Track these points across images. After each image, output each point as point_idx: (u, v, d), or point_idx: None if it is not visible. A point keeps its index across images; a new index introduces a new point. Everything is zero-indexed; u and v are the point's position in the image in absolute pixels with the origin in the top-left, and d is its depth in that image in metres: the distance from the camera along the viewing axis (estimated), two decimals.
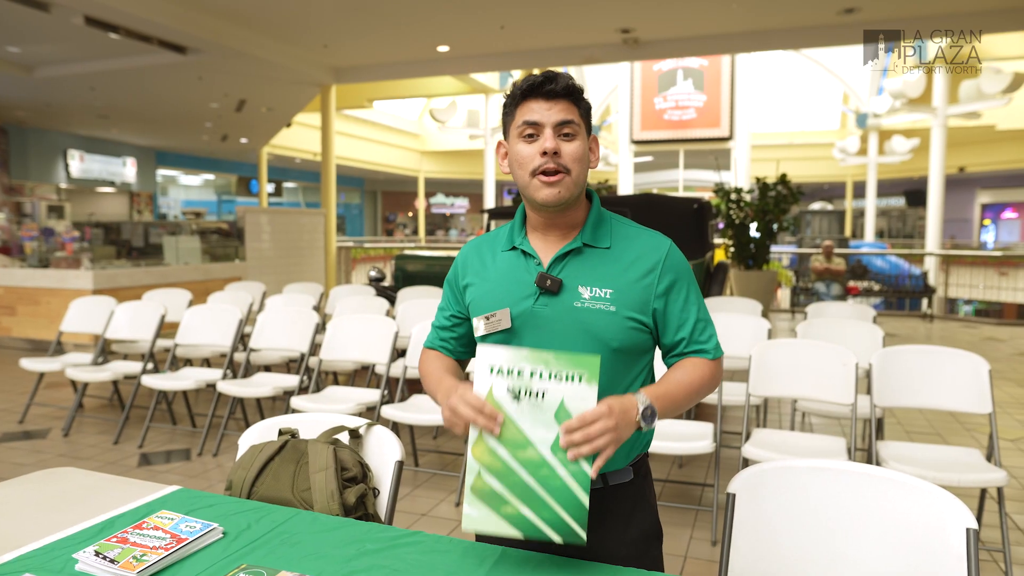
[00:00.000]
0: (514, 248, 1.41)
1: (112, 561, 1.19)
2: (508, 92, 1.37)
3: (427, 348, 1.57)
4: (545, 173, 1.31)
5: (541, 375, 1.17)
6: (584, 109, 1.36)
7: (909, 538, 1.27)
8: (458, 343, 1.53)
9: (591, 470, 1.16)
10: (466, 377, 1.47)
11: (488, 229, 6.85)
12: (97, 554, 1.21)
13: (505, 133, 1.39)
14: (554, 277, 1.34)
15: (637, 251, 1.37)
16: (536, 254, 1.38)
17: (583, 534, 1.15)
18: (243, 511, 1.44)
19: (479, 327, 1.39)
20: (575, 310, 1.32)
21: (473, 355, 1.54)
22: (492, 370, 1.19)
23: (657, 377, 1.41)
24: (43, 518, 1.43)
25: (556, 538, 1.15)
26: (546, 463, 1.16)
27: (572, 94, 1.33)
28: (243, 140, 15.19)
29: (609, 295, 1.32)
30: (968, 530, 1.22)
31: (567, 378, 1.16)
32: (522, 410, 1.17)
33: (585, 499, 1.15)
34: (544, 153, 1.31)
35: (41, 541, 1.31)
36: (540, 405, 1.17)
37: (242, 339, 5.26)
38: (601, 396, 1.19)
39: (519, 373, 1.18)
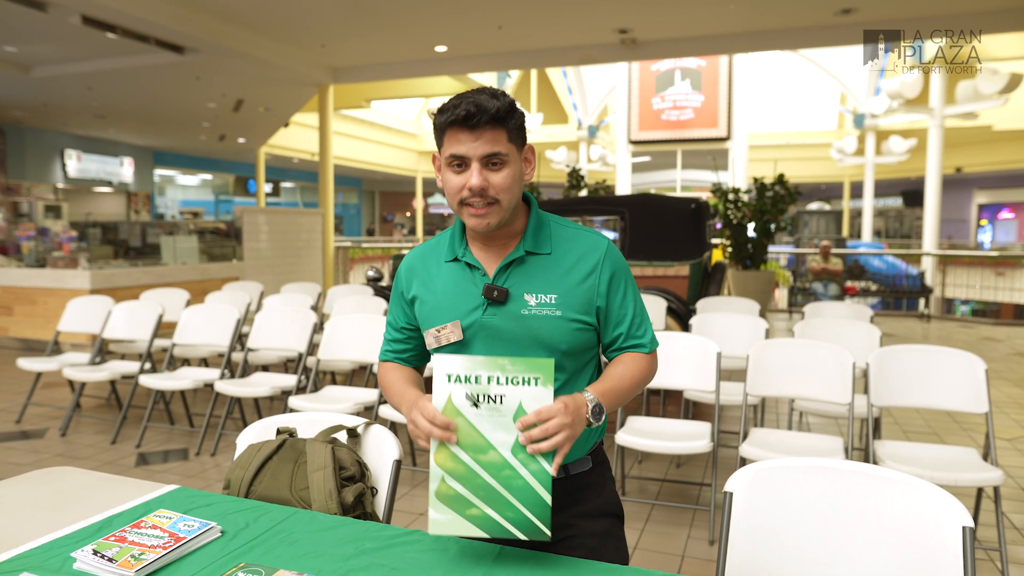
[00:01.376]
0: (457, 260, 1.43)
1: (110, 560, 1.19)
2: (435, 114, 1.33)
3: (383, 361, 1.60)
4: (473, 206, 1.33)
5: (498, 380, 1.20)
6: (514, 128, 1.33)
7: (906, 537, 1.27)
8: (412, 353, 1.57)
9: (551, 468, 1.19)
10: (426, 384, 1.48)
11: None
12: (95, 553, 1.21)
13: (439, 146, 1.38)
14: (500, 287, 1.37)
15: (578, 253, 1.41)
16: (480, 265, 1.40)
17: (547, 531, 1.19)
18: (241, 510, 1.44)
19: (430, 341, 1.42)
20: (523, 318, 1.36)
21: (428, 362, 1.58)
22: (450, 378, 1.22)
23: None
24: (41, 517, 1.42)
25: (521, 536, 1.19)
26: (508, 464, 1.19)
27: (499, 121, 1.29)
28: (241, 140, 15.17)
29: (554, 300, 1.36)
30: (964, 529, 1.22)
31: (523, 382, 1.19)
32: (481, 415, 1.20)
33: (548, 497, 1.19)
34: (471, 188, 1.31)
35: (39, 540, 1.31)
36: (499, 409, 1.20)
37: (240, 339, 5.26)
38: (556, 394, 1.22)
39: (476, 379, 1.20)
